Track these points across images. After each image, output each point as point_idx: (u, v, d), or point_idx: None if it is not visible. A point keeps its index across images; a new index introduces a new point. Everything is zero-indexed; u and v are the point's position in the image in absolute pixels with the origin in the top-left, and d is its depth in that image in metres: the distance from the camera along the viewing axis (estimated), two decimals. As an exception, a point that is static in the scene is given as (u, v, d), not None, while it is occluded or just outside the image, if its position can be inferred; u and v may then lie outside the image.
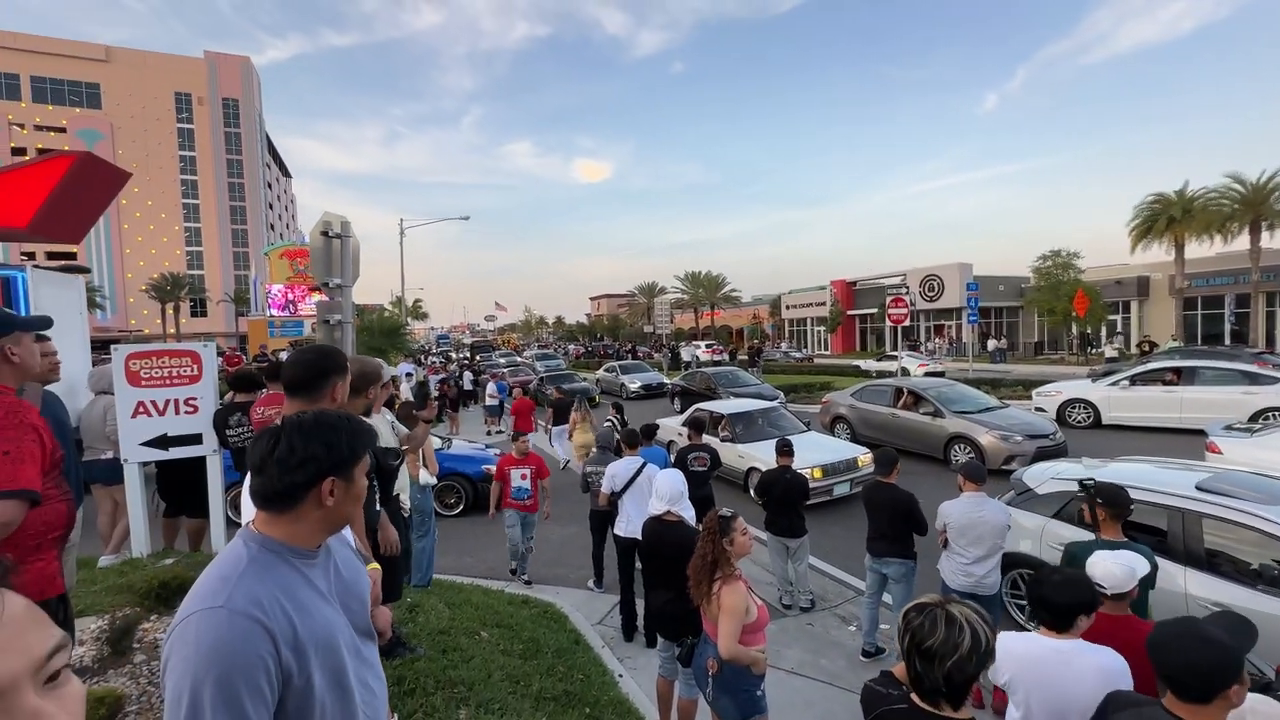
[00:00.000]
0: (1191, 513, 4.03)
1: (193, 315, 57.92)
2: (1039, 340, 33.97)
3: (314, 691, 1.11)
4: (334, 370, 2.06)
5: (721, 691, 2.84)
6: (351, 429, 1.28)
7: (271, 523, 1.20)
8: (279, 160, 78.87)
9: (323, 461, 1.20)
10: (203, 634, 1.02)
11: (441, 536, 7.59)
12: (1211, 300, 27.79)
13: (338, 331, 5.12)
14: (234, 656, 1.01)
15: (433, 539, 5.52)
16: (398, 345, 24.37)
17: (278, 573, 1.15)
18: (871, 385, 12.58)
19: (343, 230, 5.02)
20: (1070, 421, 12.26)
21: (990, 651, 1.48)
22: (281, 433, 1.21)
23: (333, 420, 1.27)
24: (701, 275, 49.43)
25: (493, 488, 6.31)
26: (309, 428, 1.22)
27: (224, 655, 1.00)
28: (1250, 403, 10.32)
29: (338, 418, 1.29)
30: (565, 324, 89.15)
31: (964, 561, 4.13)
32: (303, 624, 1.12)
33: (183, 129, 60.75)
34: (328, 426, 1.25)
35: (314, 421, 1.24)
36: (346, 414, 1.32)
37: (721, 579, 2.82)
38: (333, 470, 1.21)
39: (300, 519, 1.21)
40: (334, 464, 1.22)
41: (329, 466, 1.21)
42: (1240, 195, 23.62)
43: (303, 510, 1.20)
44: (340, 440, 1.24)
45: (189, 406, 4.54)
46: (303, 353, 2.14)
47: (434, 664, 3.20)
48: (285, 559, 1.18)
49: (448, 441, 9.86)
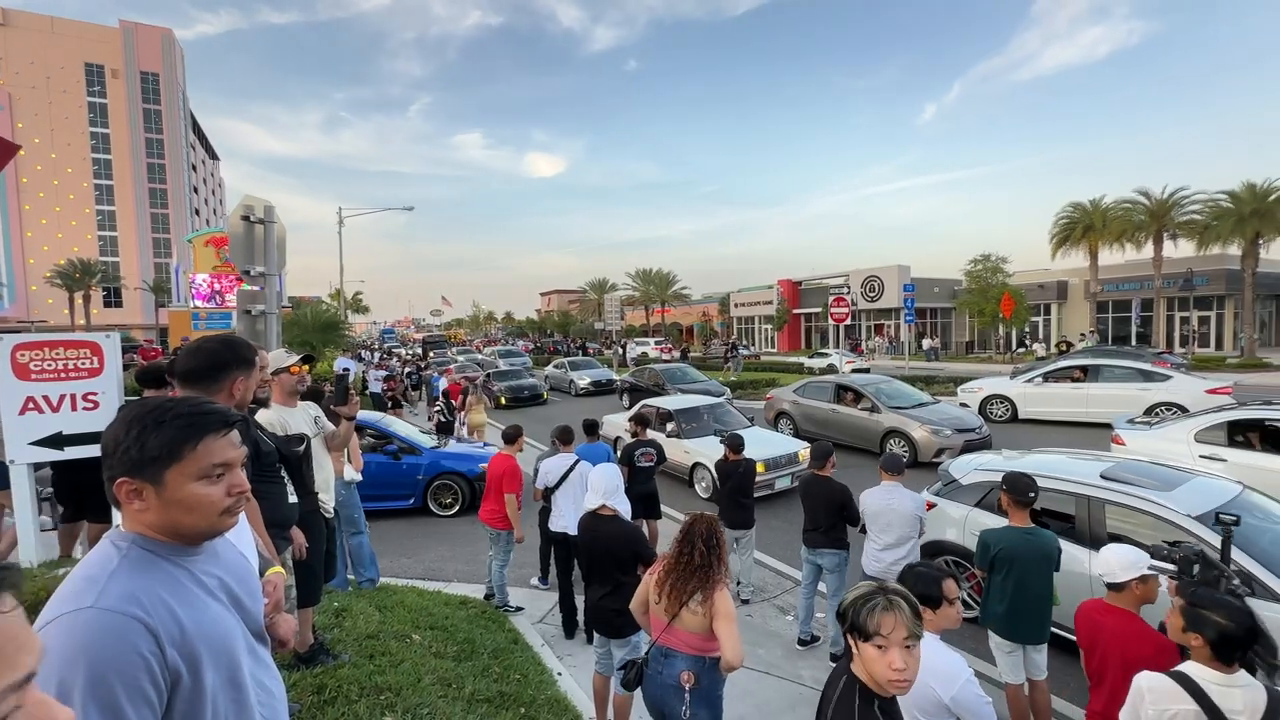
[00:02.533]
0: (1096, 499, 4.33)
1: (106, 306, 53.63)
2: (970, 340, 35.96)
3: (205, 692, 1.01)
4: (235, 363, 1.92)
5: (701, 704, 2.62)
6: (159, 421, 1.08)
7: (134, 518, 1.09)
8: (205, 141, 73.97)
9: (111, 459, 1.06)
10: (68, 636, 0.91)
11: (440, 536, 7.34)
12: (1121, 304, 30.08)
13: (260, 323, 4.83)
14: (106, 655, 0.91)
15: (365, 535, 5.31)
16: (334, 341, 23.29)
17: (157, 569, 1.05)
18: (813, 382, 12.96)
19: (266, 215, 4.74)
20: (991, 416, 13.00)
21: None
22: (114, 421, 1.10)
23: (135, 412, 1.11)
24: (652, 273, 49.61)
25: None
26: (115, 421, 1.10)
27: (94, 655, 0.90)
28: (1145, 398, 11.24)
29: (151, 407, 1.11)
30: (515, 319, 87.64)
31: (876, 548, 4.38)
32: (190, 620, 1.02)
33: (94, 103, 56.10)
34: (125, 420, 1.09)
35: (121, 414, 1.13)
36: (168, 402, 1.14)
37: (715, 585, 2.62)
38: (129, 472, 1.05)
39: (143, 516, 1.08)
40: (129, 465, 1.05)
41: (120, 468, 1.06)
42: (1146, 207, 25.74)
43: (131, 511, 1.08)
44: (127, 435, 1.06)
45: (88, 402, 4.17)
46: (204, 341, 1.99)
47: (359, 670, 3.06)
48: (164, 556, 1.08)
49: (444, 440, 9.51)
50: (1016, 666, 3.44)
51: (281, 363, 3.21)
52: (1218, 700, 1.88)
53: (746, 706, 3.97)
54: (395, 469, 8.08)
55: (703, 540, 2.70)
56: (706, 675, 2.62)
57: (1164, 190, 25.40)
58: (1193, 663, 1.99)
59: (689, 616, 2.61)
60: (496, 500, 5.25)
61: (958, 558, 5.01)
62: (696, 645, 2.63)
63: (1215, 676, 1.92)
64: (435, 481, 8.20)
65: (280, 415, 3.07)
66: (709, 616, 2.57)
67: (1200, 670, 1.95)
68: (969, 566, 4.91)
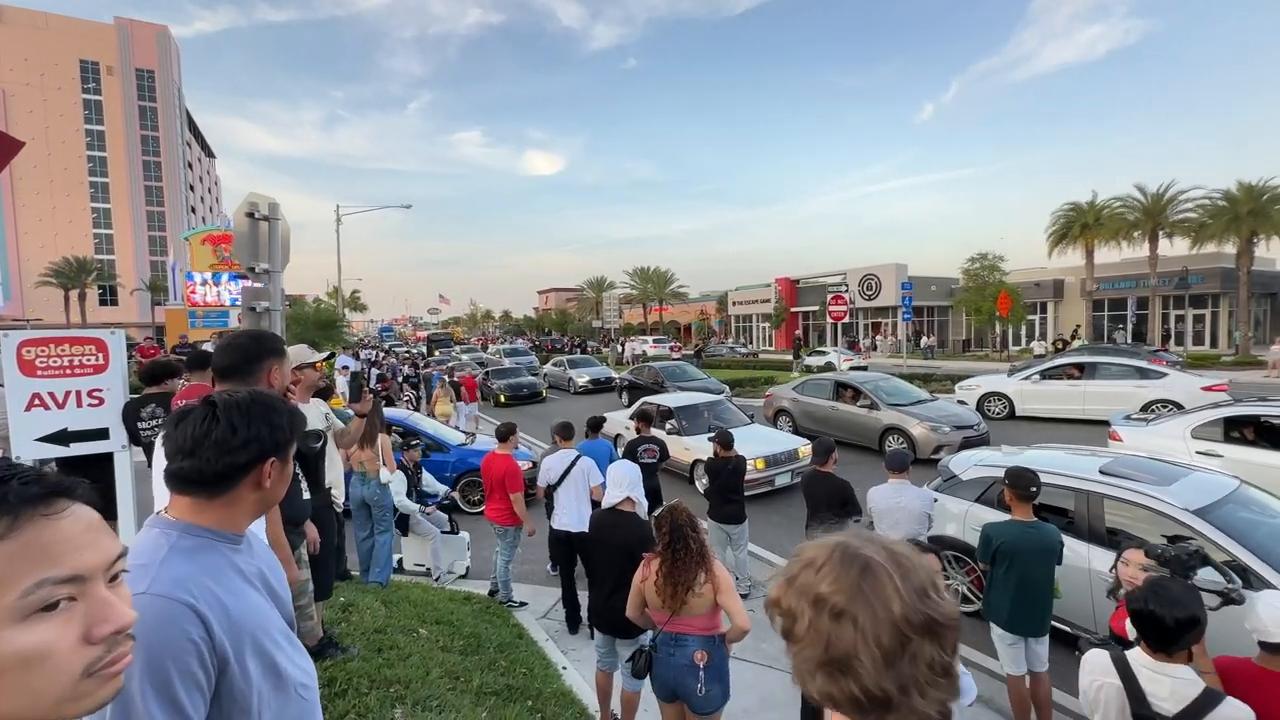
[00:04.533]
0: (1095, 494, 4.38)
1: (101, 304, 53.31)
2: (967, 338, 36.06)
3: (250, 676, 1.05)
4: (268, 354, 1.98)
5: (714, 680, 2.77)
6: (289, 408, 1.27)
7: (197, 508, 1.13)
8: (201, 139, 73.57)
9: (265, 442, 1.17)
10: None
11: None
12: (1116, 302, 30.22)
13: (265, 320, 4.82)
14: (161, 639, 0.94)
15: (391, 535, 5.34)
16: (333, 338, 23.25)
17: (204, 557, 1.09)
18: (813, 379, 13.01)
19: (270, 212, 4.73)
20: (988, 413, 13.06)
21: None
22: (217, 412, 1.15)
23: (270, 399, 1.24)
24: (650, 271, 49.63)
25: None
26: (248, 406, 1.18)
27: (149, 639, 0.93)
28: (1142, 395, 11.31)
29: (273, 397, 1.27)
30: (512, 317, 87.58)
31: None
32: (235, 608, 1.06)
33: (89, 100, 55.69)
34: (267, 406, 1.21)
35: (252, 400, 1.20)
36: (278, 394, 1.29)
37: (711, 561, 2.80)
38: (274, 451, 1.18)
39: (234, 503, 1.16)
40: (275, 444, 1.19)
41: (271, 447, 1.18)
42: (1142, 205, 25.83)
43: (238, 493, 1.16)
44: (283, 420, 1.22)
45: (93, 399, 4.18)
46: (235, 336, 2.06)
47: (368, 664, 3.09)
48: (210, 545, 1.12)
49: (471, 436, 9.55)
50: (1018, 658, 3.49)
51: (306, 358, 3.25)
52: (1144, 683, 1.94)
53: (751, 699, 4.01)
54: (423, 467, 8.11)
55: (690, 528, 2.83)
56: (716, 652, 2.79)
57: (1160, 188, 25.55)
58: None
59: (695, 600, 2.75)
60: (501, 499, 5.27)
61: (958, 552, 5.05)
62: (704, 626, 2.80)
63: (1148, 662, 1.96)
64: (463, 479, 8.24)
65: (306, 410, 3.09)
66: (714, 592, 2.74)
67: (1138, 654, 2.01)
68: (969, 561, 4.96)
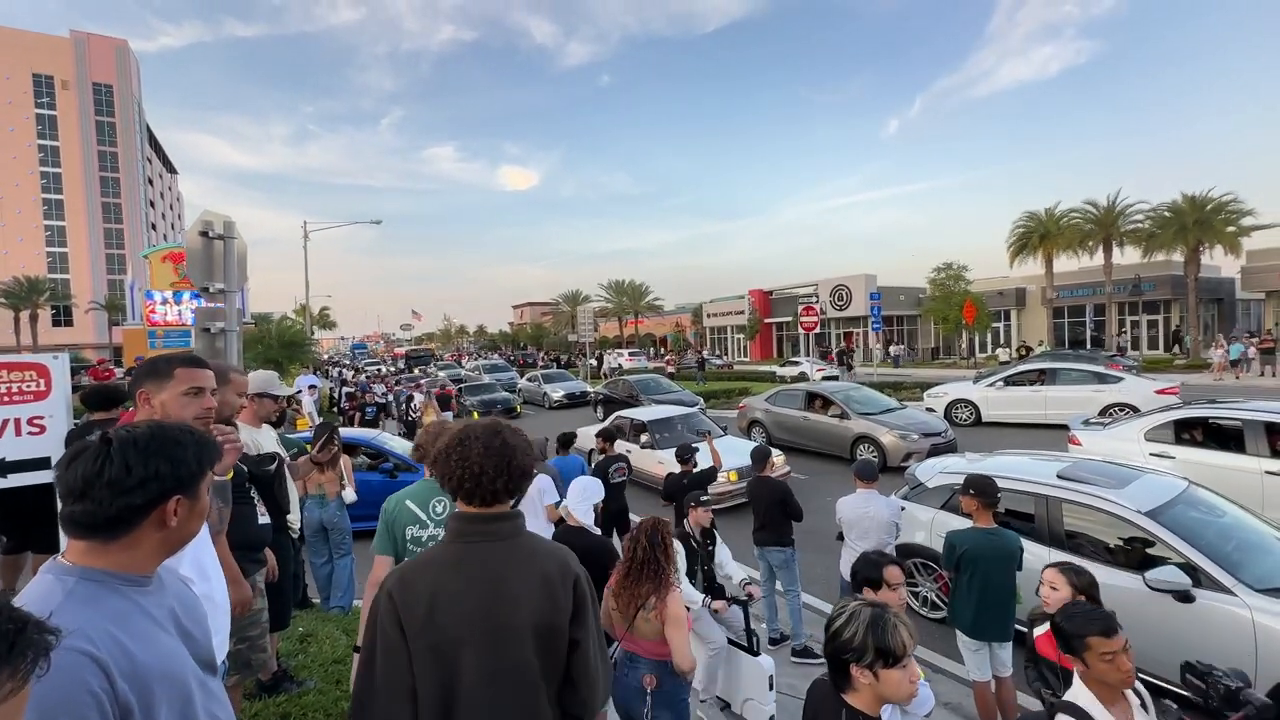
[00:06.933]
0: (1054, 498, 4.47)
1: (55, 324, 51.22)
2: (935, 346, 36.93)
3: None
4: (142, 375, 1.92)
5: (663, 707, 2.69)
6: (197, 440, 1.18)
7: (95, 552, 1.05)
8: (163, 155, 71.75)
9: (166, 480, 1.08)
10: None
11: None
12: (1075, 310, 31.32)
13: (220, 341, 4.69)
14: (56, 693, 0.87)
15: (351, 559, 5.20)
16: (299, 358, 22.65)
17: (106, 603, 1.02)
18: (785, 390, 13.13)
19: (225, 230, 4.63)
20: (956, 420, 13.35)
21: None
22: (112, 450, 1.06)
23: (173, 433, 1.15)
24: (625, 284, 49.76)
25: None
26: (146, 443, 1.09)
27: (43, 693, 0.85)
28: (1099, 399, 11.69)
29: (179, 430, 1.17)
30: (487, 332, 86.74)
31: (853, 554, 4.41)
32: (142, 654, 0.99)
33: (43, 114, 53.95)
34: (170, 440, 1.12)
35: (151, 436, 1.11)
36: (187, 425, 1.22)
37: (667, 588, 2.66)
38: (178, 488, 1.10)
39: (136, 545, 1.08)
40: (179, 481, 1.11)
41: (173, 485, 1.09)
42: (1095, 217, 26.92)
43: (139, 535, 1.07)
44: (187, 454, 1.13)
45: (33, 427, 3.95)
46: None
47: (325, 697, 2.97)
48: (113, 589, 1.04)
49: None
50: (983, 664, 3.52)
51: (271, 389, 3.18)
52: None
53: None
54: (392, 487, 7.88)
55: (646, 536, 2.72)
56: (668, 679, 2.67)
57: (1110, 200, 26.67)
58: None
59: (643, 624, 2.65)
60: None
61: (926, 559, 5.11)
62: (653, 650, 2.69)
63: (1102, 713, 1.88)
64: None
65: (250, 435, 3.00)
66: (660, 622, 2.61)
67: (1081, 691, 1.94)
68: (937, 568, 5.02)
